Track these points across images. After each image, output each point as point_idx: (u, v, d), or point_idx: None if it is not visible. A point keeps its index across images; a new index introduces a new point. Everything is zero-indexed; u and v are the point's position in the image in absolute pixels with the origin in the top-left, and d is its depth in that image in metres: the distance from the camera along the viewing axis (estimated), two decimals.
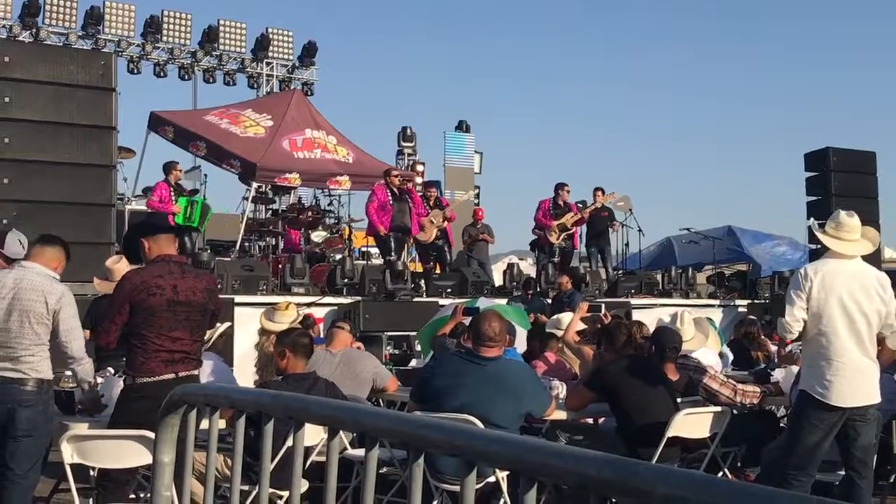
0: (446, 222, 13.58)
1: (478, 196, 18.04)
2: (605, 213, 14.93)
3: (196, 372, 4.80)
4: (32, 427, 4.73)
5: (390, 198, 12.70)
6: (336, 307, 11.00)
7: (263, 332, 6.56)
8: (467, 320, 6.69)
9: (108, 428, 4.69)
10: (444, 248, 13.71)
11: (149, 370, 4.59)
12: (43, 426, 4.81)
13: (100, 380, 5.40)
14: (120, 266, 6.13)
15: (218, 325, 6.31)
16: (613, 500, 1.50)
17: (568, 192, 14.17)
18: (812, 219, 6.51)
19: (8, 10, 18.22)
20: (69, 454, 4.46)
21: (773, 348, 9.07)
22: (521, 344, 7.97)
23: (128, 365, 4.70)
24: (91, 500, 5.49)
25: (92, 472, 5.65)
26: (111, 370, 5.74)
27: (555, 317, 8.25)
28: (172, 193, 12.49)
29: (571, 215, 14.04)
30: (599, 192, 14.88)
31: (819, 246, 5.82)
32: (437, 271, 13.39)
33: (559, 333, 7.53)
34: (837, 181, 13.06)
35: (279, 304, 6.92)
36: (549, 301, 11.85)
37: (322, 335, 7.51)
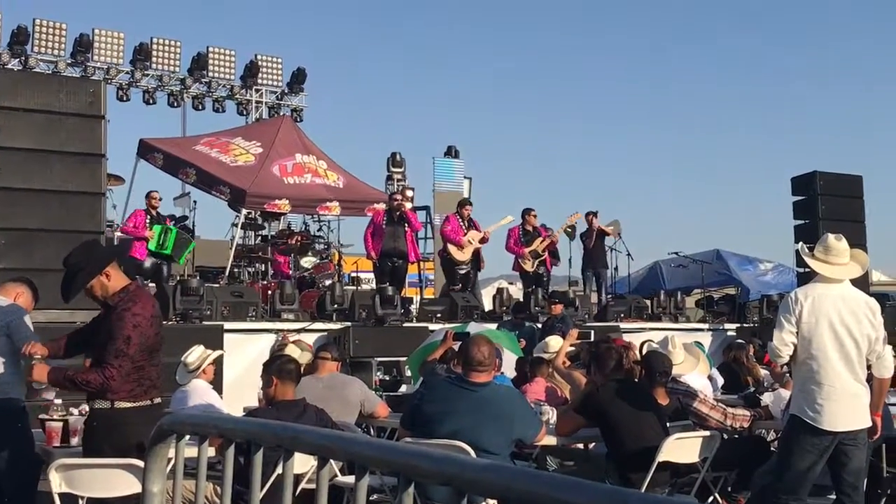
0: (481, 244, 13.56)
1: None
2: (604, 236, 14.92)
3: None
4: None
5: (385, 222, 12.73)
6: (326, 333, 10.98)
7: None
8: (457, 346, 6.69)
9: (83, 456, 4.59)
10: (469, 271, 13.61)
11: (133, 396, 4.40)
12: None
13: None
14: None
15: (209, 352, 6.29)
16: None
17: (535, 216, 14.13)
18: (801, 243, 6.53)
19: None
20: (57, 483, 4.42)
21: (763, 372, 9.09)
22: (510, 369, 7.95)
23: (108, 391, 4.36)
24: None
25: (80, 502, 5.61)
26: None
27: (543, 341, 8.23)
28: (148, 220, 12.65)
29: (540, 240, 14.01)
30: (592, 217, 14.91)
31: (807, 269, 5.85)
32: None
33: (547, 357, 7.52)
34: (825, 205, 13.12)
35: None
36: (539, 326, 11.84)
37: None
